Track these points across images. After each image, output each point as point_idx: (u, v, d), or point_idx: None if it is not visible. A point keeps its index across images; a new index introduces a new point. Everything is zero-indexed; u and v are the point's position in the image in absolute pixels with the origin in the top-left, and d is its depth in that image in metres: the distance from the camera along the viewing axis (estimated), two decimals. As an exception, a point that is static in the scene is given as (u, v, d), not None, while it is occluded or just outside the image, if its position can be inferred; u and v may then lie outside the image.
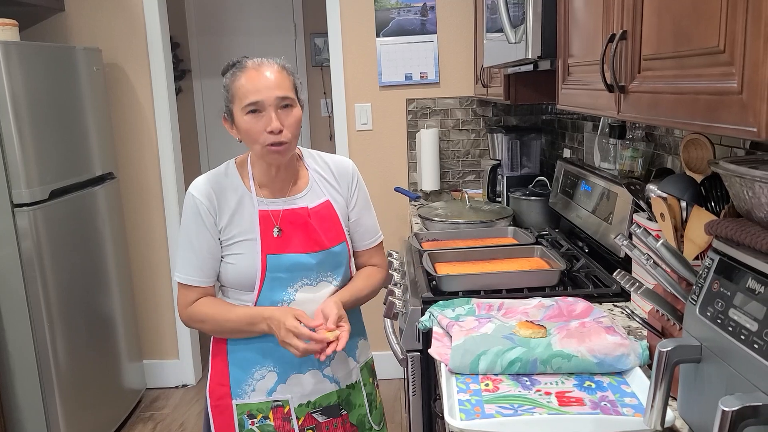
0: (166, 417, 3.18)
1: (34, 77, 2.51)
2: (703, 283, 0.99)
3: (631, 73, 1.12)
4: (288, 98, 1.42)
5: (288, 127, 1.41)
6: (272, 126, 1.38)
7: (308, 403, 1.52)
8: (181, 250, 1.49)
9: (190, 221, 1.47)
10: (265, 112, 1.39)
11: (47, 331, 2.51)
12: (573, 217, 2.13)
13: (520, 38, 1.65)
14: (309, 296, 1.49)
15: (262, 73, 1.41)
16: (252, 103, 1.39)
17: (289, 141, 1.43)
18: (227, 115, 1.47)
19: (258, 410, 1.51)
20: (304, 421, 1.52)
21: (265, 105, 1.39)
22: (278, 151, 1.42)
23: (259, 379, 1.51)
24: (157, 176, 3.30)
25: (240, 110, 1.41)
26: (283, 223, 1.48)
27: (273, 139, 1.40)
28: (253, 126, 1.40)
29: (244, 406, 1.51)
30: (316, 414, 1.53)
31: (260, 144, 1.41)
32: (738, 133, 0.77)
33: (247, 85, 1.40)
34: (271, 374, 1.51)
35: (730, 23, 0.79)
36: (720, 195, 1.24)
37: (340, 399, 1.55)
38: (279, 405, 1.51)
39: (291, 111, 1.43)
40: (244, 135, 1.43)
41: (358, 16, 3.14)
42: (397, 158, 3.26)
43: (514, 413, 1.10)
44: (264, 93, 1.39)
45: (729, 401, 0.77)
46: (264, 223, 1.47)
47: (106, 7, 3.16)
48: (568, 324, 1.35)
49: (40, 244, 2.49)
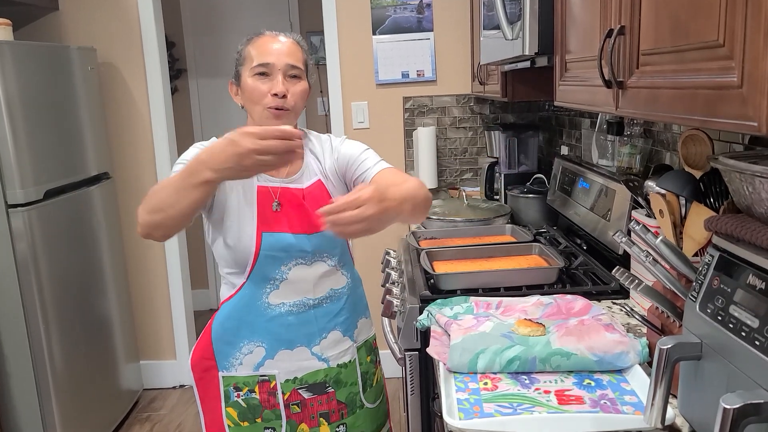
0: (163, 418, 3.16)
1: (29, 77, 2.49)
2: (703, 280, 0.98)
3: (629, 68, 1.11)
4: (298, 68, 1.44)
5: (293, 94, 1.42)
6: (278, 89, 1.39)
7: (295, 379, 1.52)
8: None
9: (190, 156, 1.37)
10: (273, 76, 1.41)
11: (43, 332, 2.49)
12: (571, 215, 2.12)
13: (517, 35, 1.64)
14: (302, 275, 1.47)
15: (276, 39, 1.44)
16: (262, 65, 1.40)
17: (292, 108, 1.43)
18: (234, 79, 1.48)
19: (244, 383, 1.51)
20: (289, 397, 1.52)
21: (274, 69, 1.41)
22: (279, 116, 1.41)
23: (246, 354, 1.50)
24: (153, 176, 3.29)
25: (248, 71, 1.42)
26: (282, 199, 1.45)
27: (276, 102, 1.40)
28: (259, 86, 1.41)
29: (230, 378, 1.51)
30: (301, 390, 1.53)
31: (262, 106, 1.41)
32: (738, 128, 0.77)
33: (262, 47, 1.42)
34: (260, 349, 1.50)
35: (730, 16, 0.78)
36: (719, 191, 1.24)
37: (327, 377, 1.55)
38: (265, 380, 1.51)
39: (298, 81, 1.44)
40: (248, 95, 1.43)
41: (354, 14, 3.13)
42: (394, 156, 3.25)
43: (513, 412, 1.09)
44: (275, 56, 1.41)
45: (730, 399, 0.77)
46: (262, 198, 1.45)
47: (101, 6, 3.14)
48: (567, 322, 1.34)
49: (35, 245, 2.47)
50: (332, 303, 1.54)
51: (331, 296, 1.53)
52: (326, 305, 1.52)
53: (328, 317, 1.53)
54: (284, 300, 1.49)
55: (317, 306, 1.51)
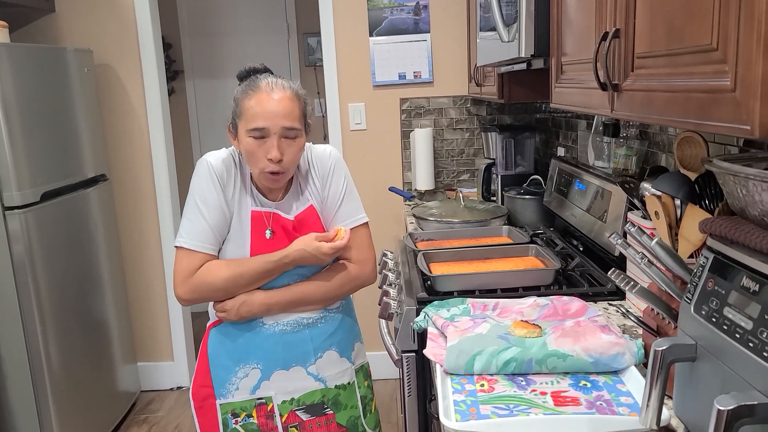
0: (161, 419, 3.16)
1: (25, 79, 2.49)
2: (698, 282, 0.98)
3: (624, 71, 1.12)
4: (294, 129, 1.42)
5: (288, 156, 1.42)
6: (272, 155, 1.40)
7: (291, 400, 1.52)
8: (189, 213, 1.45)
9: (204, 182, 1.45)
10: (269, 139, 1.40)
11: (40, 334, 2.49)
12: (567, 216, 2.13)
13: (513, 37, 1.65)
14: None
15: (272, 98, 1.40)
16: (257, 129, 1.40)
17: (287, 170, 1.44)
18: (232, 128, 1.48)
19: (242, 409, 1.51)
20: (287, 419, 1.52)
21: (270, 132, 1.40)
22: (274, 179, 1.44)
23: (242, 377, 1.51)
24: (150, 178, 3.29)
25: (245, 130, 1.42)
26: (274, 226, 1.48)
27: (272, 167, 1.41)
28: (255, 150, 1.41)
29: (227, 405, 1.51)
30: (299, 412, 1.53)
31: (258, 168, 1.43)
32: (731, 131, 0.77)
33: (257, 108, 1.40)
34: (255, 371, 1.51)
35: (723, 21, 0.78)
36: (714, 193, 1.24)
37: (324, 398, 1.55)
38: (262, 402, 1.51)
39: (294, 141, 1.43)
40: (245, 154, 1.44)
41: (351, 15, 3.13)
42: (391, 158, 3.25)
43: (510, 414, 1.09)
44: (271, 120, 1.39)
45: (724, 400, 0.77)
46: (256, 223, 1.47)
47: (97, 7, 3.14)
48: (563, 323, 1.35)
49: (32, 247, 2.47)
50: (326, 323, 1.55)
51: (325, 316, 1.55)
52: (321, 325, 1.54)
53: (323, 336, 1.54)
54: (278, 319, 1.50)
55: (312, 325, 1.52)
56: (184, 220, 1.47)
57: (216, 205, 1.44)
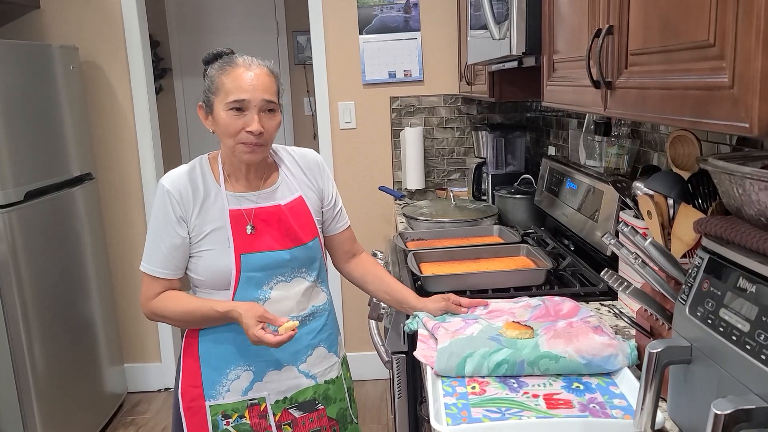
0: (148, 421, 3.12)
1: (9, 76, 2.44)
2: (693, 283, 0.97)
3: (617, 68, 1.10)
4: (273, 103, 1.43)
5: (268, 130, 1.42)
6: (254, 127, 1.39)
7: (284, 399, 1.52)
8: (149, 240, 1.48)
9: (160, 212, 1.46)
10: (248, 112, 1.40)
11: (23, 335, 2.44)
12: (559, 215, 2.12)
13: (504, 35, 1.63)
14: (284, 293, 1.49)
15: (251, 72, 1.41)
16: (238, 101, 1.39)
17: (266, 143, 1.44)
18: (205, 105, 1.46)
19: (233, 410, 1.49)
20: (281, 417, 1.51)
21: (250, 105, 1.40)
22: (253, 151, 1.42)
23: (233, 380, 1.49)
24: (137, 176, 3.25)
25: (222, 104, 1.41)
26: (255, 221, 1.46)
27: (251, 139, 1.40)
28: (233, 122, 1.40)
29: (218, 406, 1.49)
30: (292, 410, 1.52)
31: (236, 140, 1.41)
32: (729, 129, 0.75)
33: (236, 82, 1.40)
34: (247, 373, 1.49)
35: (720, 16, 0.76)
36: (707, 192, 1.23)
37: (316, 394, 1.55)
38: (255, 403, 1.50)
39: (273, 115, 1.44)
40: (222, 129, 1.43)
41: (340, 13, 3.11)
42: (381, 157, 3.23)
43: (502, 417, 1.07)
44: (251, 93, 1.39)
45: (721, 404, 0.76)
46: (236, 221, 1.45)
47: (83, 4, 3.09)
48: (555, 324, 1.33)
49: (16, 247, 2.43)
50: (315, 320, 1.54)
51: (313, 313, 1.54)
52: (310, 323, 1.53)
53: (312, 334, 1.53)
54: None
55: (302, 324, 1.50)
56: (147, 241, 1.49)
57: (170, 235, 1.44)
